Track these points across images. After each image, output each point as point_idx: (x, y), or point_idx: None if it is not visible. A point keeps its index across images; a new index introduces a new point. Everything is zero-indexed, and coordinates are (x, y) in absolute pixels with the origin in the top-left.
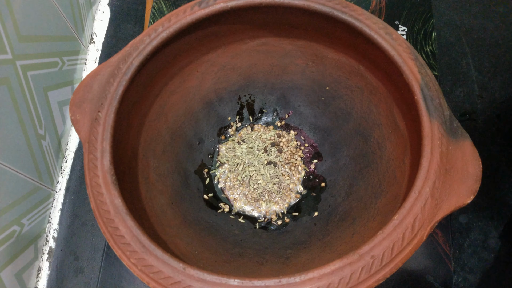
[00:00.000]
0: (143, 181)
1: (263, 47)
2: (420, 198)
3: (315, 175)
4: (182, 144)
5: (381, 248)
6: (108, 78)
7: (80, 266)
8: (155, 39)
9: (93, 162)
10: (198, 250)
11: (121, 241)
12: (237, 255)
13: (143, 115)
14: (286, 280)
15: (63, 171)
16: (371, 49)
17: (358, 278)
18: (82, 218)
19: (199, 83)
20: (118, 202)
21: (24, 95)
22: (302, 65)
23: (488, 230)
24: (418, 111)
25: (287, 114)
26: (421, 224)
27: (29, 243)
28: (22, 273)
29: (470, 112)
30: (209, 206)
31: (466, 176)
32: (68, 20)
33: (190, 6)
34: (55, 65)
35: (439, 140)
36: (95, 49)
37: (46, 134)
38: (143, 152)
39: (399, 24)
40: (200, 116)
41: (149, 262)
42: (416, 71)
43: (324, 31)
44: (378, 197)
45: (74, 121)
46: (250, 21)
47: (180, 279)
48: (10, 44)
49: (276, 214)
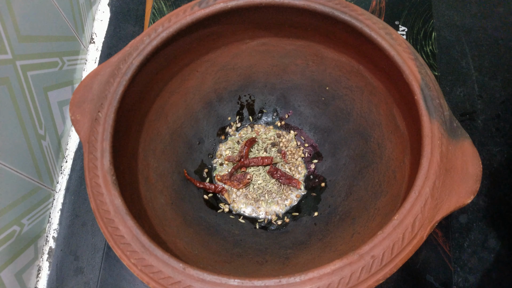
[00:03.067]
0: (143, 181)
1: (263, 47)
2: (420, 198)
3: (315, 175)
4: (182, 144)
5: (381, 248)
6: (108, 78)
7: (80, 266)
8: (155, 39)
9: (93, 162)
10: (198, 250)
11: (121, 241)
12: (237, 255)
13: (143, 115)
14: (286, 280)
15: (63, 171)
16: (371, 49)
17: (358, 278)
18: (82, 218)
19: (199, 83)
20: (118, 202)
21: (24, 95)
22: (302, 65)
23: (488, 230)
24: (418, 111)
25: (287, 114)
26: (421, 224)
27: (29, 243)
28: (22, 273)
29: (470, 112)
30: (209, 206)
31: (466, 176)
32: (68, 20)
33: (190, 6)
34: (55, 65)
35: (439, 140)
36: (95, 49)
37: (46, 134)
38: (143, 152)
39: (399, 24)
40: (200, 116)
41: (149, 262)
42: (416, 71)
43: (324, 31)
44: (378, 197)
45: (74, 121)
46: (250, 21)
47: (180, 279)
48: (10, 44)
49: (276, 214)
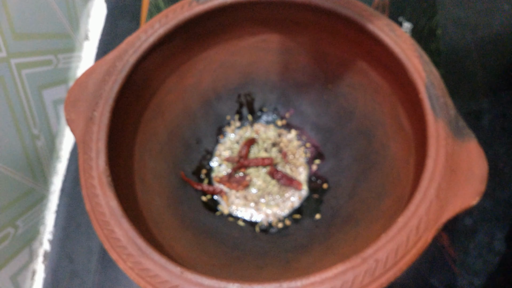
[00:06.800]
0: (139, 182)
1: (263, 44)
2: (425, 200)
3: (317, 176)
4: (179, 144)
5: (385, 251)
6: (103, 76)
7: (75, 269)
8: (152, 36)
9: (88, 162)
10: (196, 254)
11: (117, 244)
12: (236, 258)
13: (139, 114)
14: (287, 284)
15: (58, 172)
16: (375, 46)
17: (361, 282)
18: (77, 220)
19: (197, 81)
20: (114, 203)
21: (18, 94)
22: (304, 62)
23: (494, 232)
24: (423, 110)
25: (288, 113)
26: (426, 227)
27: (24, 245)
28: (17, 276)
29: (476, 111)
30: (207, 208)
31: (472, 177)
32: (63, 16)
33: (188, 2)
34: (49, 63)
35: (444, 140)
36: (91, 46)
37: (41, 133)
38: (139, 153)
39: (402, 21)
40: (198, 115)
41: (145, 266)
42: (421, 69)
43: (326, 27)
44: (382, 198)
45: (69, 121)
46: (249, 17)
47: (177, 283)
48: (5, 41)
49: (277, 216)
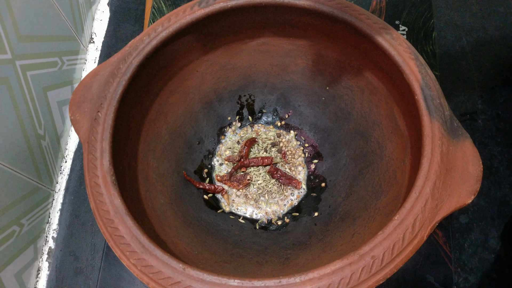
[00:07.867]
0: (142, 181)
1: (263, 46)
2: (421, 198)
3: (315, 175)
4: (181, 144)
5: (382, 248)
6: (107, 78)
7: (79, 267)
8: (155, 38)
9: (92, 162)
10: (197, 250)
11: (120, 241)
12: (237, 255)
13: (143, 115)
14: (286, 280)
15: (63, 171)
16: (372, 49)
17: (358, 278)
18: (82, 218)
19: (199, 83)
20: (118, 202)
21: (24, 95)
22: (302, 64)
23: (489, 230)
24: (418, 111)
25: (287, 114)
26: (422, 224)
27: (29, 243)
28: (21, 274)
29: (471, 111)
30: (209, 206)
31: (467, 176)
32: (67, 19)
33: (190, 6)
34: (54, 65)
35: (439, 140)
36: (95, 48)
37: (46, 134)
38: (142, 152)
39: (399, 24)
40: (200, 116)
41: (148, 263)
42: (417, 70)
43: (325, 30)
44: (379, 197)
45: (73, 121)
46: (250, 21)
47: (179, 280)
48: (10, 44)
49: (276, 214)
